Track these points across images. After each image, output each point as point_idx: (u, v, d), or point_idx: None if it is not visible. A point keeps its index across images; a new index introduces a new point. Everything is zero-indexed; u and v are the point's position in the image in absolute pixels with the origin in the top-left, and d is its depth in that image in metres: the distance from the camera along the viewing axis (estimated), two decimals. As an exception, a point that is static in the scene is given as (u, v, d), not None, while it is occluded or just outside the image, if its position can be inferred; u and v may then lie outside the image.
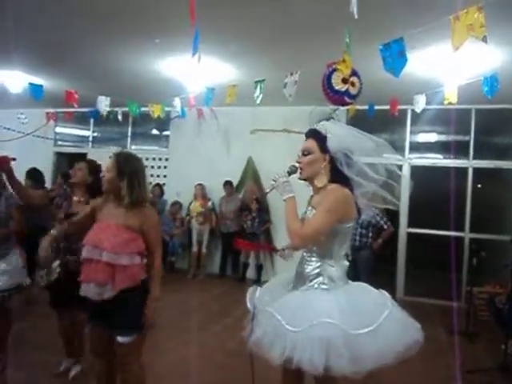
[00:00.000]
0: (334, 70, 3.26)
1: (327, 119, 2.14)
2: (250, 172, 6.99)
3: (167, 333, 4.18)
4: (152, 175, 7.88)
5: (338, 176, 1.97)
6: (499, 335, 3.88)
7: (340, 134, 2.03)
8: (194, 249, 7.03)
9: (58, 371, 3.16)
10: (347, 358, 1.70)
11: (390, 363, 1.61)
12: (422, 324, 2.00)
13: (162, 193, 7.36)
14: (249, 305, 2.02)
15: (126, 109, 6.16)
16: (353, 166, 1.96)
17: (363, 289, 2.04)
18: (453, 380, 3.49)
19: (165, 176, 7.83)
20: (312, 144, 2.03)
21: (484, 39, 2.54)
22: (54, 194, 3.22)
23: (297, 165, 2.05)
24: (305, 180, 2.08)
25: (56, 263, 2.94)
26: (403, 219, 6.23)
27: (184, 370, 3.32)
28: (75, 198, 3.02)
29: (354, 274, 2.99)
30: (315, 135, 2.05)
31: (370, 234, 5.25)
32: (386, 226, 5.23)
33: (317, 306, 1.83)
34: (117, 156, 2.39)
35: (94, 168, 3.07)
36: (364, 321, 1.79)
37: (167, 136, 7.96)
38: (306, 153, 2.04)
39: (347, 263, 2.03)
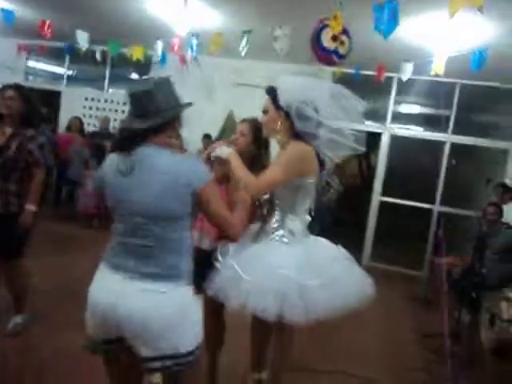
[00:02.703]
0: (325, 26, 3.15)
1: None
2: (230, 126, 6.86)
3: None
4: (129, 121, 7.65)
5: (296, 131, 1.97)
6: (455, 304, 4.07)
7: (289, 87, 1.99)
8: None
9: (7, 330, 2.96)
10: (300, 308, 1.81)
11: (342, 315, 1.67)
12: (383, 289, 2.07)
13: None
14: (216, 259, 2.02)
15: (105, 48, 5.84)
16: (309, 119, 1.93)
17: (321, 243, 2.12)
18: (408, 342, 3.68)
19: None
20: (268, 102, 2.04)
21: (481, 9, 2.47)
22: None
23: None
24: (271, 137, 2.14)
25: None
26: (377, 187, 6.30)
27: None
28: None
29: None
30: (270, 92, 2.04)
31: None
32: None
33: (274, 258, 1.91)
34: (252, 122, 2.27)
35: (27, 96, 2.87)
36: (318, 273, 1.88)
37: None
38: (263, 111, 2.05)
39: (309, 218, 2.09)
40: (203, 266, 1.97)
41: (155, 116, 1.49)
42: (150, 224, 1.45)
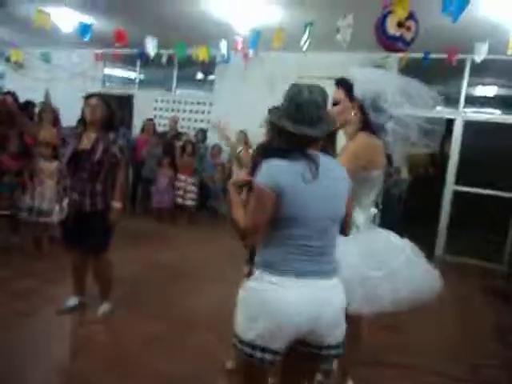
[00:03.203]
0: (389, 12, 3.05)
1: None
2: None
3: (204, 274, 4.42)
4: (196, 120, 7.94)
5: (367, 124, 1.96)
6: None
7: (366, 80, 1.98)
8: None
9: (63, 308, 3.25)
10: (362, 298, 1.83)
11: (411, 308, 1.66)
12: (458, 282, 2.01)
13: (204, 138, 7.42)
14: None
15: (172, 51, 6.11)
16: (382, 112, 1.92)
17: (385, 236, 2.12)
18: (486, 338, 3.49)
19: (208, 121, 7.86)
20: (340, 93, 2.04)
21: None
22: (67, 133, 3.27)
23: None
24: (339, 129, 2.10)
25: (65, 202, 3.10)
26: (450, 176, 5.99)
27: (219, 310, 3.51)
28: (84, 135, 3.05)
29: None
30: (343, 84, 2.04)
31: None
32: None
33: (337, 249, 1.91)
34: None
35: (108, 103, 3.09)
36: (380, 265, 1.89)
37: (212, 81, 7.89)
38: (334, 103, 2.04)
39: (374, 211, 2.08)
40: None
41: (321, 124, 1.53)
42: (333, 226, 1.59)
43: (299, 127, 1.49)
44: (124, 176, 3.20)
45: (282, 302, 1.48)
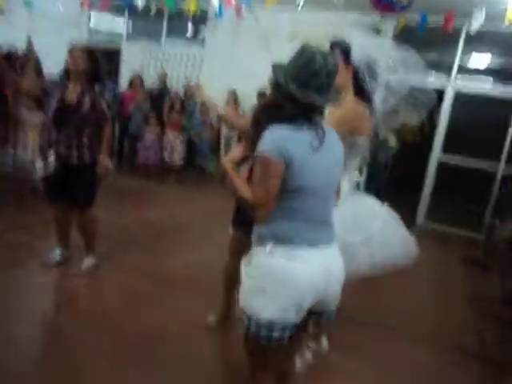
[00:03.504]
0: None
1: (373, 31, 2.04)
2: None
3: (190, 232, 4.47)
4: (186, 77, 7.75)
5: (358, 89, 1.94)
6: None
7: (364, 44, 1.94)
8: (222, 153, 7.09)
9: (47, 260, 3.27)
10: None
11: (388, 273, 1.72)
12: (438, 250, 2.07)
13: (193, 94, 7.27)
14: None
15: (161, 2, 5.86)
16: (376, 78, 1.90)
17: (366, 202, 2.15)
18: (459, 304, 3.65)
19: (197, 77, 7.68)
20: (335, 56, 1.98)
21: None
22: (48, 83, 3.16)
23: None
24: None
25: (51, 154, 3.00)
26: (437, 146, 6.03)
27: (196, 270, 3.58)
28: (70, 88, 2.95)
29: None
30: (340, 47, 1.98)
31: None
32: None
33: None
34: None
35: (94, 55, 2.99)
36: (360, 230, 1.93)
37: (203, 38, 7.64)
38: None
39: (359, 177, 2.11)
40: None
41: (329, 92, 1.48)
42: (333, 193, 1.59)
43: (308, 94, 1.43)
44: (110, 131, 3.14)
45: (302, 275, 1.46)
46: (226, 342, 2.72)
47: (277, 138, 1.43)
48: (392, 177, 5.77)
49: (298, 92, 1.43)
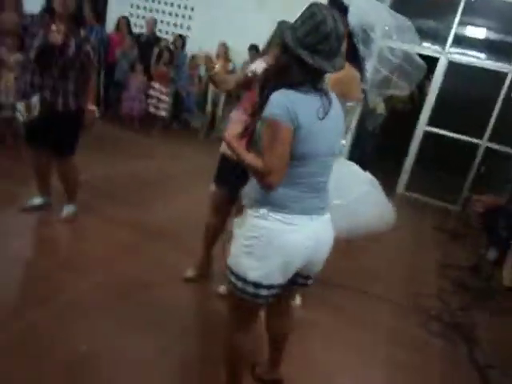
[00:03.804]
0: None
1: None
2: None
3: (174, 186, 4.46)
4: (175, 24, 7.46)
5: (351, 53, 1.91)
6: (483, 241, 4.11)
7: (363, 7, 1.89)
8: (209, 109, 6.98)
9: (26, 206, 3.24)
10: None
11: (363, 237, 1.77)
12: (414, 218, 2.13)
13: (183, 45, 7.04)
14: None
15: None
16: (370, 44, 1.87)
17: (348, 167, 2.17)
18: (428, 270, 3.81)
19: (188, 28, 7.41)
20: None
21: None
22: (28, 22, 2.92)
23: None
24: None
25: (35, 99, 2.86)
26: (424, 116, 6.05)
27: (181, 221, 3.61)
28: (53, 28, 2.78)
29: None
30: (337, 5, 1.91)
31: None
32: None
33: None
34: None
35: None
36: (342, 194, 1.95)
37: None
38: None
39: (343, 142, 2.12)
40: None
41: (338, 57, 1.43)
42: (332, 163, 1.57)
43: (318, 60, 1.38)
44: (95, 78, 3.05)
45: (296, 240, 1.48)
46: (202, 296, 2.80)
47: (286, 101, 1.38)
48: (377, 144, 5.81)
49: (307, 57, 1.38)
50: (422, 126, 6.08)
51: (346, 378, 2.33)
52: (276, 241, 1.47)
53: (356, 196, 2.01)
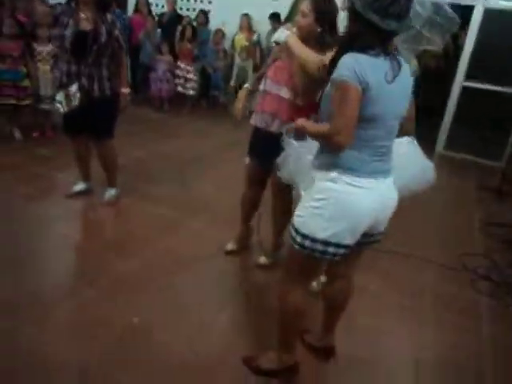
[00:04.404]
0: None
1: None
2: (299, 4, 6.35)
3: (207, 163, 4.51)
4: (195, 0, 7.37)
5: None
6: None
7: None
8: (232, 83, 6.87)
9: (70, 192, 3.37)
10: None
11: (403, 198, 1.73)
12: (456, 177, 2.06)
13: (206, 21, 6.96)
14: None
15: None
16: None
17: None
18: (473, 229, 3.70)
19: (209, 1, 7.30)
20: None
21: None
22: (59, 11, 3.01)
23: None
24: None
25: (74, 88, 2.92)
26: (461, 70, 5.74)
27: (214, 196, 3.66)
28: (82, 15, 2.84)
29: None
30: None
31: None
32: None
33: None
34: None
35: None
36: None
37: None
38: None
39: None
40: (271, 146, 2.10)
41: (406, 17, 1.42)
42: (397, 126, 1.59)
43: (389, 22, 1.38)
44: (125, 61, 3.11)
45: (364, 202, 1.52)
46: (244, 267, 2.85)
47: (356, 63, 1.40)
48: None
49: (379, 21, 1.38)
50: (459, 80, 5.78)
51: (394, 342, 2.32)
52: (345, 203, 1.51)
53: (396, 157, 1.95)
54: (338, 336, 2.10)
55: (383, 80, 1.43)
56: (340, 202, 1.51)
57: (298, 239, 1.59)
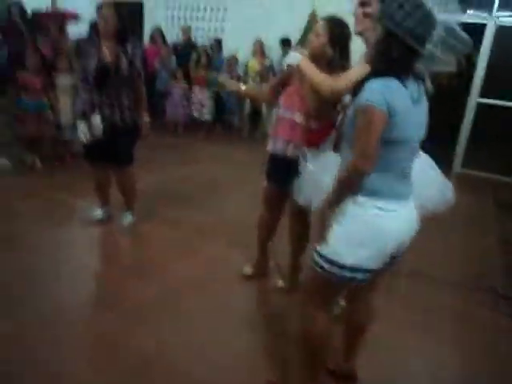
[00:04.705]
0: None
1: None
2: (311, 29, 6.45)
3: (224, 186, 4.53)
4: (209, 29, 7.58)
5: None
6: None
7: None
8: (247, 108, 7.00)
9: (89, 219, 3.42)
10: None
11: (422, 217, 1.70)
12: (474, 195, 2.03)
13: (219, 49, 7.13)
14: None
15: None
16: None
17: None
18: (491, 248, 3.62)
19: (222, 29, 7.49)
20: None
21: None
22: (82, 44, 3.13)
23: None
24: (360, 35, 2.01)
25: (97, 118, 3.00)
26: (475, 87, 5.73)
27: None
28: (104, 48, 2.95)
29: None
30: None
31: None
32: None
33: None
34: (328, 20, 2.23)
35: (121, 12, 2.95)
36: None
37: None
38: (362, 2, 1.91)
39: None
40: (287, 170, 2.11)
41: (425, 44, 1.43)
42: (418, 147, 1.60)
43: (426, 47, 1.41)
44: (144, 89, 3.20)
45: (391, 226, 1.51)
46: (262, 292, 2.83)
47: (386, 89, 1.40)
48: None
49: (419, 47, 1.40)
50: (474, 98, 5.76)
51: (415, 360, 2.27)
52: (374, 228, 1.49)
53: (413, 177, 1.94)
54: (358, 358, 2.05)
55: (410, 104, 1.44)
56: (369, 226, 1.49)
57: (325, 266, 1.55)
